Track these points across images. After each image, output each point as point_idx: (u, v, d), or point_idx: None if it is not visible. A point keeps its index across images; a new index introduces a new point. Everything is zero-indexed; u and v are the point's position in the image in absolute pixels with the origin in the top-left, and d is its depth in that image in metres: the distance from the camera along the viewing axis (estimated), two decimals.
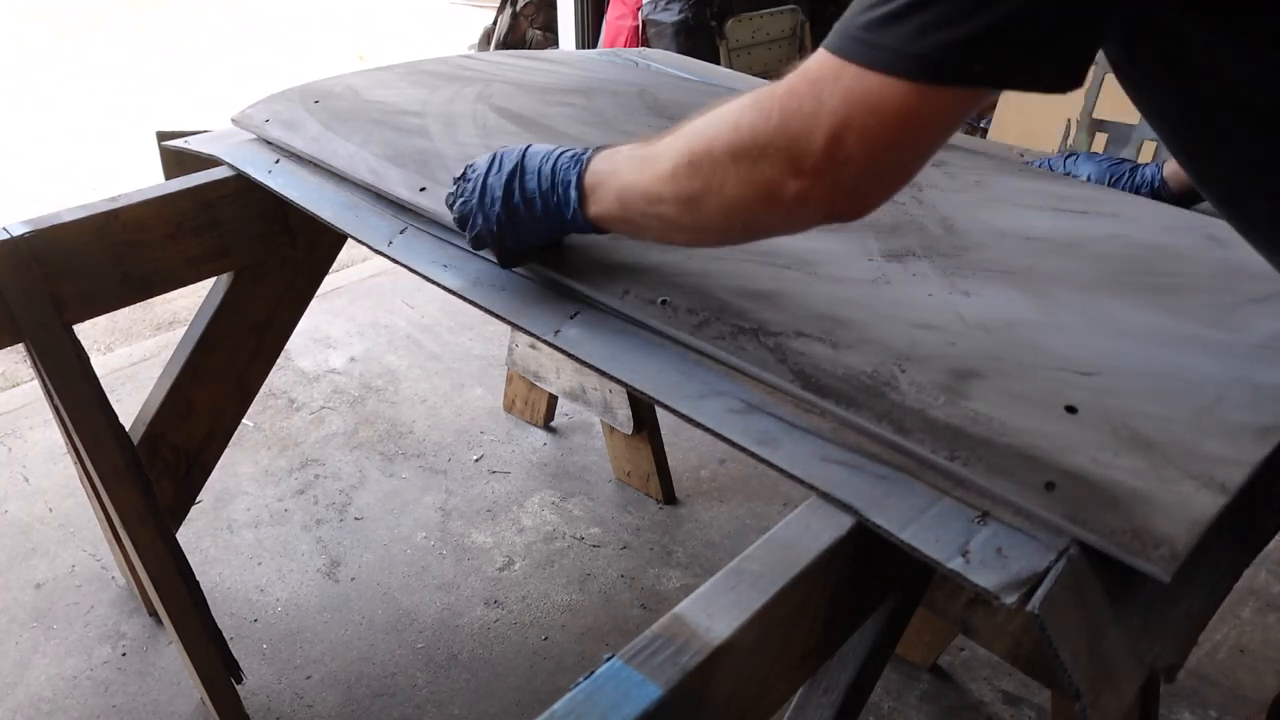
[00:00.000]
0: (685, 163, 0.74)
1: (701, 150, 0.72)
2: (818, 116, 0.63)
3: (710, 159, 0.71)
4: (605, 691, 0.62)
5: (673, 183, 0.75)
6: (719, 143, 0.70)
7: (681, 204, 0.75)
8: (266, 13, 7.62)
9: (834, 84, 0.63)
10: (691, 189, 0.74)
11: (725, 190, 0.71)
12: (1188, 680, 1.79)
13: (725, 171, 0.70)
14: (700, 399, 0.88)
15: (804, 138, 0.64)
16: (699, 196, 0.73)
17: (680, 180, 0.74)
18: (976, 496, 0.74)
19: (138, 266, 1.40)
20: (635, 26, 3.84)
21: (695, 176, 0.73)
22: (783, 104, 0.65)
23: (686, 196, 0.74)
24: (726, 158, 0.70)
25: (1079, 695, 0.70)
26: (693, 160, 0.73)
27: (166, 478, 1.70)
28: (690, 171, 0.73)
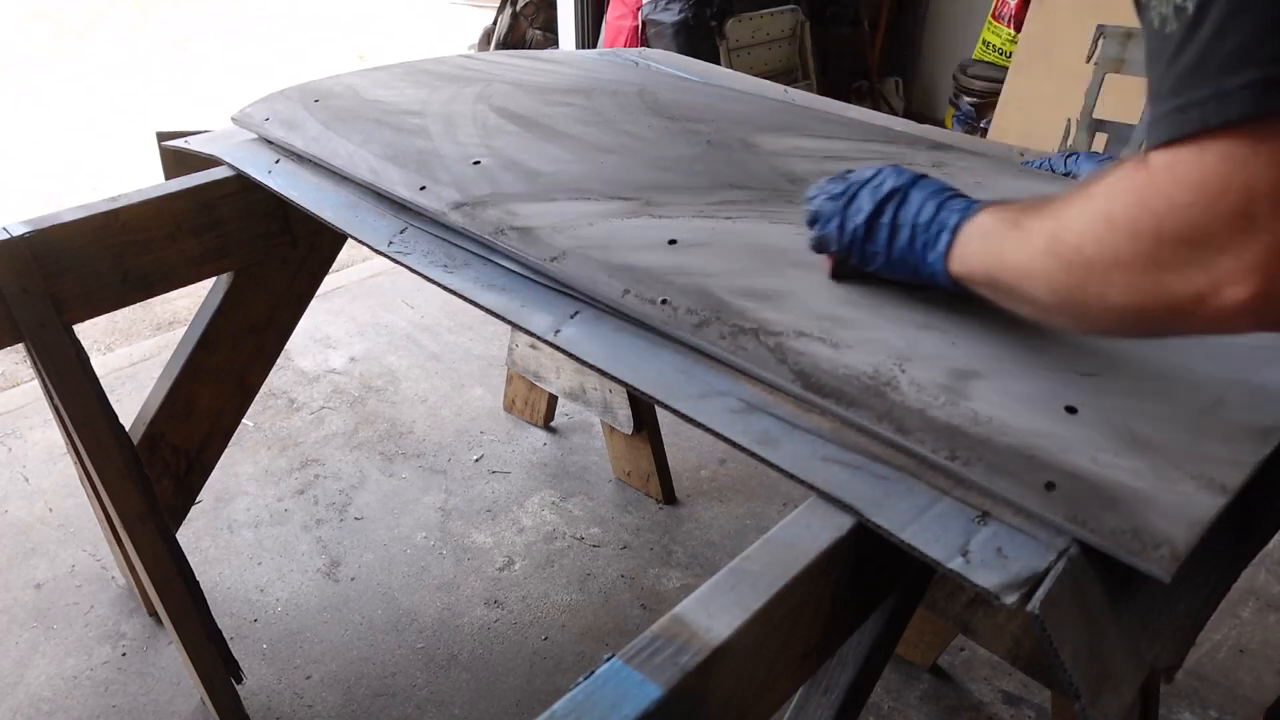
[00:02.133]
0: (1055, 251, 0.64)
1: (1073, 244, 0.62)
2: (1224, 211, 0.52)
3: (1081, 257, 0.61)
4: (605, 691, 0.62)
5: (1043, 269, 0.65)
6: (1094, 241, 0.60)
7: (1059, 296, 0.65)
8: (266, 13, 7.61)
9: (1221, 165, 0.51)
10: (1068, 283, 0.63)
11: (1108, 296, 0.61)
12: (1188, 680, 1.79)
13: (1105, 276, 0.60)
14: (700, 399, 0.88)
15: (1219, 239, 0.53)
16: (1078, 290, 0.63)
17: (1053, 270, 0.64)
18: (977, 496, 0.74)
19: (138, 266, 1.40)
20: (635, 26, 3.84)
21: (1072, 272, 0.63)
22: (1170, 204, 0.54)
23: (1063, 288, 0.64)
24: (1104, 262, 0.59)
25: (1079, 695, 0.70)
26: (1059, 251, 0.63)
27: (166, 478, 1.70)
28: (1062, 266, 0.63)
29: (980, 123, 4.12)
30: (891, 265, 0.86)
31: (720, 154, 1.27)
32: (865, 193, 0.87)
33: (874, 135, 1.36)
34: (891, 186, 0.86)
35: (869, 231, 0.86)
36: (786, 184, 1.18)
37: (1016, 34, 3.91)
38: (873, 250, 0.87)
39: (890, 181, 0.86)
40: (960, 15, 4.54)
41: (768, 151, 1.28)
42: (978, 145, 1.51)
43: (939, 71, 4.67)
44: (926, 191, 0.84)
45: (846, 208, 0.88)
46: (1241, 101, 0.49)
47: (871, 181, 0.88)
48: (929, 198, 0.83)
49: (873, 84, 4.59)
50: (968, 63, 4.30)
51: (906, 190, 0.85)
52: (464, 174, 1.21)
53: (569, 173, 1.21)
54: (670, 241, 1.03)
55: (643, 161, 1.24)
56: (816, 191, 0.93)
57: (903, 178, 0.86)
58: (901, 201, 0.85)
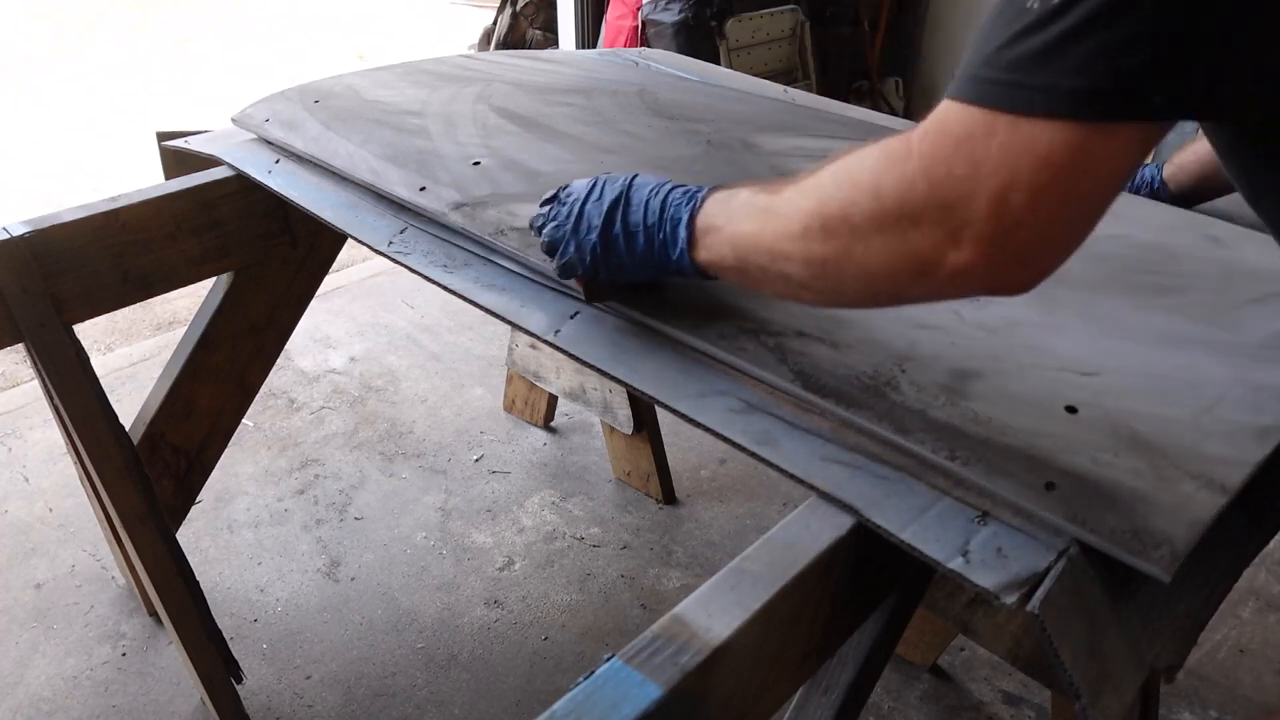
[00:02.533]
0: (818, 225, 0.67)
1: (836, 214, 0.66)
2: (975, 180, 0.56)
3: (847, 225, 0.65)
4: (605, 691, 0.62)
5: (802, 243, 0.69)
6: (856, 209, 0.64)
7: (813, 267, 0.69)
8: (266, 13, 7.61)
9: (986, 140, 0.55)
10: (825, 253, 0.67)
11: (867, 260, 0.64)
12: (1188, 680, 1.79)
13: (867, 241, 0.64)
14: (700, 399, 0.88)
15: (961, 205, 0.57)
16: (834, 262, 0.67)
17: (811, 243, 0.68)
18: (976, 496, 0.74)
19: (138, 266, 1.40)
20: (635, 26, 3.84)
21: (829, 241, 0.66)
22: (927, 169, 0.59)
23: (819, 260, 0.68)
24: (868, 226, 0.63)
25: (1079, 695, 0.70)
26: (826, 224, 0.66)
27: (166, 478, 1.70)
28: (823, 235, 0.67)
29: None
30: (642, 269, 0.87)
31: (720, 154, 1.27)
32: (590, 209, 0.88)
33: (874, 135, 1.36)
34: (612, 196, 0.87)
35: (606, 245, 0.87)
36: None
37: None
38: (617, 262, 0.88)
39: (610, 190, 0.88)
40: (960, 15, 4.54)
41: (768, 151, 1.28)
42: None
43: (939, 71, 4.67)
44: (645, 191, 0.86)
45: (576, 228, 0.89)
46: (1069, 103, 0.53)
47: (591, 196, 0.89)
48: (650, 196, 0.85)
49: (873, 84, 4.59)
50: None
51: (626, 194, 0.87)
52: (464, 174, 1.21)
53: (569, 173, 1.20)
54: None
55: (643, 161, 1.24)
56: (541, 220, 0.93)
57: (618, 183, 0.88)
58: (626, 207, 0.86)
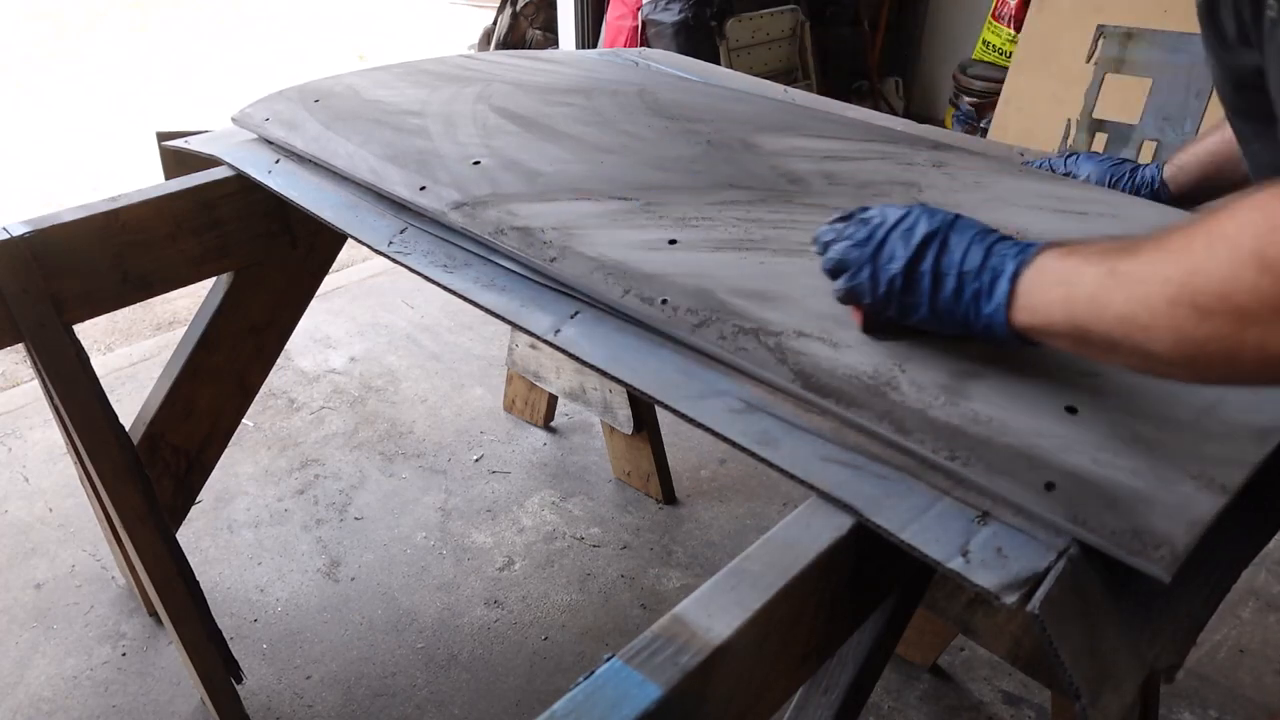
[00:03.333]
0: (1187, 300, 0.59)
1: (1213, 291, 0.58)
2: None
3: (1230, 305, 0.57)
4: (605, 691, 0.62)
5: (1169, 318, 0.60)
6: (1241, 287, 0.56)
7: (1184, 343, 0.60)
8: (266, 13, 7.61)
9: None
10: (1202, 334, 0.59)
11: (1267, 344, 0.56)
12: (1188, 680, 1.79)
13: (1265, 326, 0.56)
14: (700, 399, 0.88)
15: None
16: (1218, 345, 0.59)
17: (1180, 319, 0.59)
18: (976, 496, 0.74)
19: (138, 266, 1.40)
20: (635, 26, 3.84)
21: (1206, 321, 0.58)
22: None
23: (1195, 340, 0.59)
24: (1262, 308, 0.55)
25: (1079, 695, 0.70)
26: (1197, 300, 0.58)
27: (166, 478, 1.70)
28: (1196, 315, 0.59)
29: (980, 123, 4.12)
30: (938, 317, 0.79)
31: (720, 154, 1.27)
32: (896, 237, 0.80)
33: (874, 135, 1.36)
34: (926, 230, 0.79)
35: (908, 282, 0.79)
36: (787, 184, 1.18)
37: (1016, 34, 3.91)
38: (913, 302, 0.79)
39: (924, 224, 0.79)
40: (960, 15, 4.54)
41: (768, 151, 1.28)
42: (978, 145, 1.51)
43: (939, 71, 4.67)
44: (968, 235, 0.77)
45: (875, 255, 0.81)
46: None
47: (901, 225, 0.80)
48: (973, 241, 0.77)
49: (873, 84, 4.59)
50: (968, 63, 4.30)
51: (945, 234, 0.78)
52: (464, 174, 1.21)
53: (569, 173, 1.21)
54: (670, 241, 1.03)
55: (643, 161, 1.24)
56: (833, 235, 0.85)
57: (936, 219, 0.80)
58: (941, 247, 0.78)
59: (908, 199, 1.14)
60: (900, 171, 1.21)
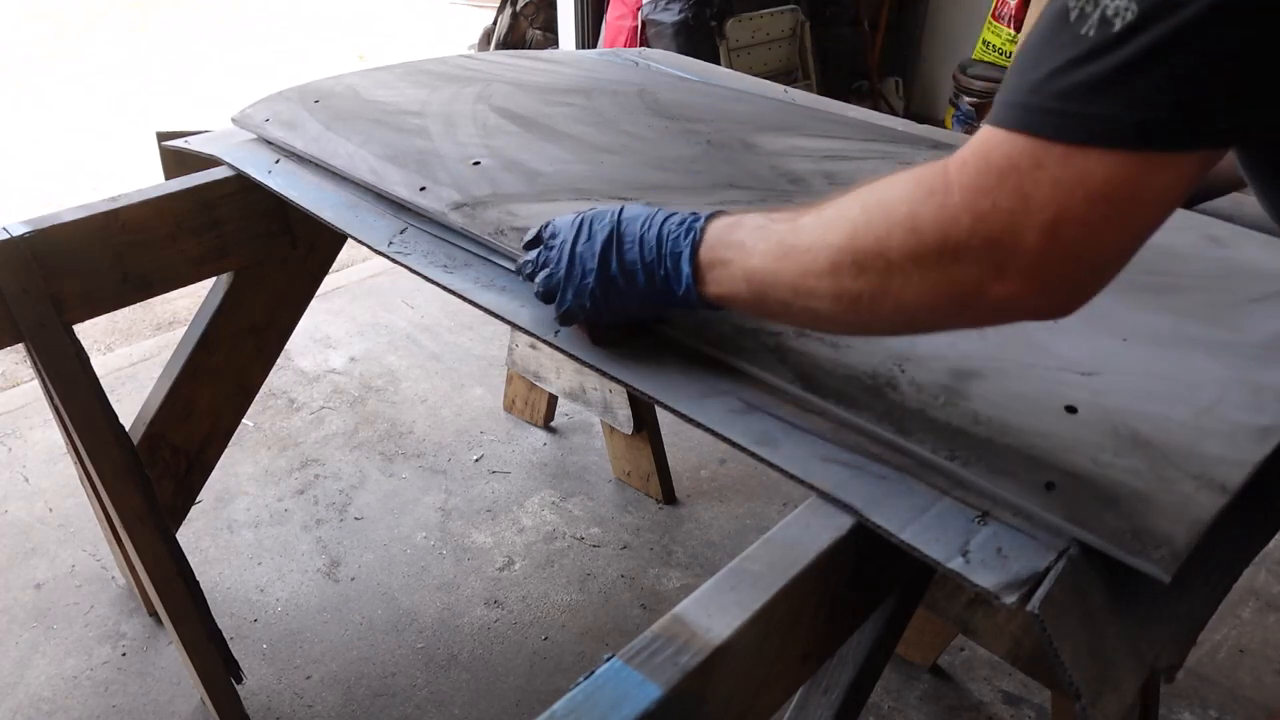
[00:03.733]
0: (849, 260, 0.65)
1: (870, 250, 0.63)
2: (1025, 214, 0.54)
3: (884, 261, 0.63)
4: (605, 691, 0.62)
5: (831, 279, 0.67)
6: (894, 244, 0.62)
7: (844, 302, 0.67)
8: (266, 13, 7.61)
9: (1034, 172, 0.54)
10: (858, 289, 0.65)
11: (905, 295, 0.63)
12: (1188, 680, 1.79)
13: (905, 276, 0.62)
14: (700, 399, 0.88)
15: (1008, 240, 0.56)
16: (868, 298, 0.65)
17: (843, 279, 0.66)
18: (976, 496, 0.74)
19: (138, 266, 1.40)
20: (635, 26, 3.84)
21: (861, 276, 0.64)
22: (970, 203, 0.57)
23: (853, 295, 0.66)
24: (906, 262, 0.61)
25: (1079, 695, 0.70)
26: (858, 259, 0.64)
27: (166, 478, 1.70)
28: (855, 271, 0.65)
29: (980, 123, 4.12)
30: (644, 308, 0.85)
31: (720, 154, 1.27)
32: (581, 250, 0.85)
33: (874, 135, 1.36)
34: (604, 235, 0.84)
35: (605, 288, 0.84)
36: (786, 184, 1.18)
37: (1016, 34, 3.91)
38: (618, 304, 0.85)
39: (598, 228, 0.85)
40: (960, 15, 4.54)
41: (768, 151, 1.28)
42: None
43: (939, 71, 4.67)
44: (636, 225, 0.83)
45: (570, 273, 0.86)
46: (1131, 134, 0.51)
47: (580, 237, 0.86)
48: (643, 230, 0.82)
49: (873, 84, 4.59)
50: (968, 63, 4.30)
51: (618, 230, 0.84)
52: (464, 174, 1.21)
53: (569, 173, 1.21)
54: None
55: (643, 161, 1.24)
56: (530, 267, 0.90)
57: (606, 219, 0.85)
58: (619, 244, 0.83)
59: None
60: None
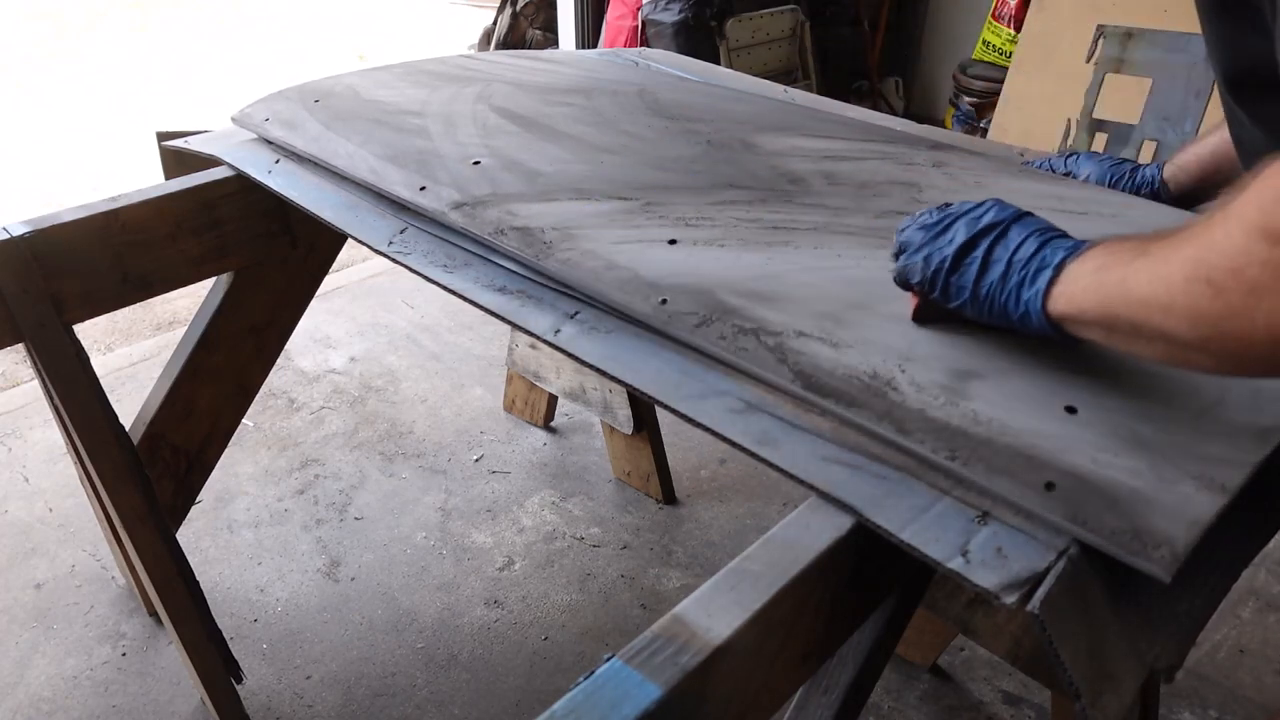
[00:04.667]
0: (1203, 275, 0.59)
1: (1224, 265, 0.57)
2: None
3: (1239, 280, 0.56)
4: (605, 691, 0.62)
5: (1184, 297, 0.60)
6: (1252, 259, 0.55)
7: (1201, 328, 0.60)
8: (266, 13, 7.61)
9: None
10: (1216, 311, 0.58)
11: (1275, 321, 0.56)
12: (1188, 680, 1.79)
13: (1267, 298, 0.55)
14: (700, 399, 0.88)
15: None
16: (1229, 320, 0.58)
17: (1196, 297, 0.59)
18: (976, 496, 0.74)
19: (138, 266, 1.40)
20: (635, 26, 3.84)
21: (1219, 298, 0.58)
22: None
23: (1211, 319, 0.59)
24: (1269, 279, 0.55)
25: (1079, 695, 0.70)
26: (1211, 276, 0.58)
27: (166, 478, 1.70)
28: (1211, 292, 0.58)
29: (980, 123, 4.12)
30: (978, 304, 0.79)
31: (720, 154, 1.27)
32: (961, 224, 0.81)
33: (874, 135, 1.36)
34: (991, 220, 0.80)
35: (955, 264, 0.80)
36: (786, 184, 1.18)
37: (1016, 34, 3.90)
38: (959, 285, 0.80)
39: (991, 215, 0.80)
40: (960, 15, 4.54)
41: (768, 151, 1.28)
42: (978, 145, 1.51)
43: (939, 71, 4.67)
44: (1029, 228, 0.78)
45: (936, 238, 0.82)
46: None
47: (971, 213, 0.81)
48: (1031, 234, 0.77)
49: (873, 84, 4.59)
50: (968, 63, 4.30)
51: (1007, 225, 0.79)
52: (464, 174, 1.21)
53: (569, 173, 1.21)
54: (670, 241, 1.03)
55: (643, 161, 1.24)
56: (909, 221, 0.86)
57: (1006, 212, 0.80)
58: (999, 236, 0.78)
59: (907, 199, 1.14)
60: (900, 171, 1.21)
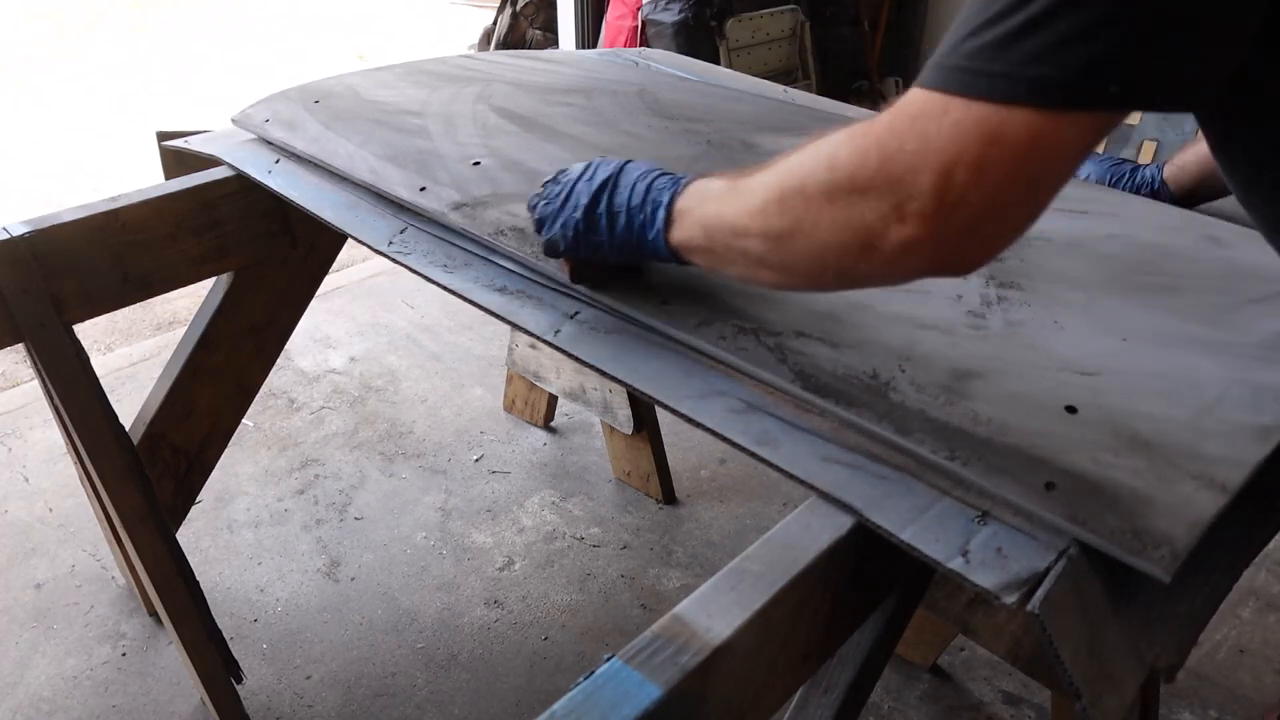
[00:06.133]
0: (775, 198, 0.68)
1: (793, 186, 0.66)
2: (923, 154, 0.57)
3: (802, 196, 0.65)
4: (605, 691, 0.62)
5: (761, 217, 0.69)
6: (812, 180, 0.64)
7: (769, 240, 0.69)
8: (266, 13, 7.61)
9: (940, 119, 0.56)
10: (780, 226, 0.68)
11: (817, 232, 0.65)
12: (1188, 680, 1.79)
13: (818, 212, 0.64)
14: (700, 399, 0.88)
15: (908, 179, 0.57)
16: (788, 235, 0.67)
17: (770, 216, 0.68)
18: (976, 496, 0.74)
19: (138, 266, 1.40)
20: (635, 26, 3.84)
21: (785, 213, 0.67)
22: (881, 142, 0.59)
23: (775, 233, 0.68)
24: (820, 197, 0.63)
25: (1079, 695, 0.70)
26: (783, 196, 0.67)
27: (166, 478, 1.70)
28: (779, 208, 0.67)
29: None
30: (617, 250, 0.89)
31: (720, 154, 1.27)
32: (581, 187, 0.90)
33: None
34: (604, 176, 0.89)
35: (589, 223, 0.89)
36: None
37: None
38: (596, 240, 0.89)
39: (602, 172, 0.89)
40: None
41: (768, 151, 1.28)
42: None
43: None
44: (635, 174, 0.87)
45: (563, 206, 0.91)
46: (1025, 91, 0.54)
47: (584, 175, 0.90)
48: (638, 179, 0.86)
49: (873, 84, 4.59)
50: None
51: (615, 177, 0.88)
52: (464, 174, 1.21)
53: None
54: None
55: (643, 161, 1.24)
56: (535, 199, 0.95)
57: (611, 166, 0.89)
58: (613, 189, 0.88)
59: None
60: None
